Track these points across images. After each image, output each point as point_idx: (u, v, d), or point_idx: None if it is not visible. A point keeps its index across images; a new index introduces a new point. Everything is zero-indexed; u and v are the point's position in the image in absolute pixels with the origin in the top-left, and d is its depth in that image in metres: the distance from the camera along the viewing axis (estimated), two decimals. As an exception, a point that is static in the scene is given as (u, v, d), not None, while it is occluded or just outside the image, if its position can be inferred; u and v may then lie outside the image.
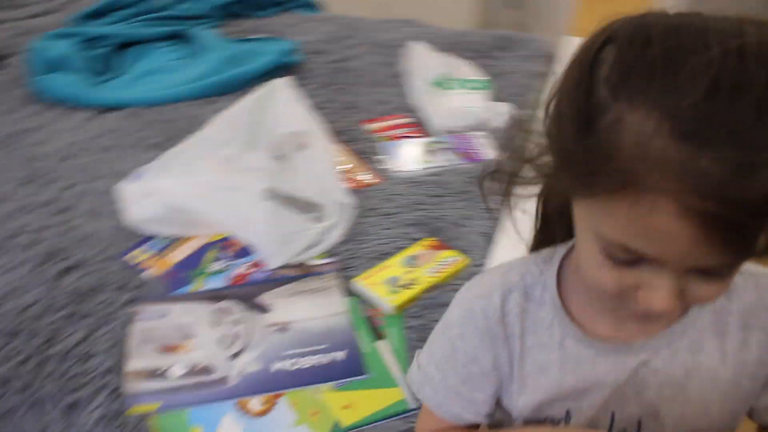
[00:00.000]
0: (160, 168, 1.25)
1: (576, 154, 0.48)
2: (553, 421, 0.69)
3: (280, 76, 1.74)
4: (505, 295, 0.66)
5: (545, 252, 0.67)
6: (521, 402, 0.68)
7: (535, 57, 1.92)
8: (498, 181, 0.61)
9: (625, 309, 0.57)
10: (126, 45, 1.92)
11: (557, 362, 0.65)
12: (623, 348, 0.63)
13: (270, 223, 1.14)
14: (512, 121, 0.60)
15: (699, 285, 0.51)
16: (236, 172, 1.18)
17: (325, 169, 1.25)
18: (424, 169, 1.43)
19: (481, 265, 1.17)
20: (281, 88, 1.29)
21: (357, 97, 1.72)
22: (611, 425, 0.67)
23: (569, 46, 1.98)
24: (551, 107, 0.52)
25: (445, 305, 1.08)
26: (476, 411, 0.71)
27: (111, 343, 1.00)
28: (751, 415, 0.68)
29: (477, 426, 0.74)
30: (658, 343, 0.63)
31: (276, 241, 1.14)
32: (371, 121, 1.62)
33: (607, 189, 0.46)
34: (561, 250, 0.66)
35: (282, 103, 1.28)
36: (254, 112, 1.25)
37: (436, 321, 1.05)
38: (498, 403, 0.71)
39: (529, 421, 0.69)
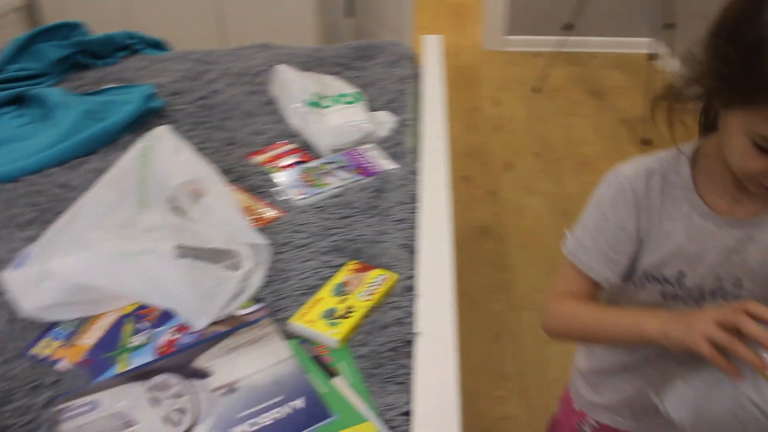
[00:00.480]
0: (47, 247, 1.13)
1: (747, 79, 0.70)
2: (667, 280, 0.92)
3: (145, 123, 1.65)
4: (648, 177, 0.90)
5: (674, 149, 0.89)
6: (646, 260, 0.92)
7: (398, 61, 1.94)
8: (668, 100, 0.83)
9: (754, 190, 0.80)
10: (-39, 119, 1.73)
11: (683, 230, 0.89)
12: (736, 223, 0.87)
13: (187, 282, 1.06)
14: (685, 53, 0.80)
15: None
16: (137, 235, 1.09)
17: (229, 213, 1.19)
18: (324, 192, 1.40)
19: (410, 277, 1.16)
20: (164, 136, 1.21)
21: (233, 132, 1.66)
22: (718, 283, 0.90)
23: (430, 44, 2.03)
24: (715, 44, 0.74)
25: (388, 326, 1.07)
26: (618, 272, 0.94)
27: (43, 453, 0.89)
28: None
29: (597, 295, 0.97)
30: (762, 221, 0.87)
31: (198, 299, 1.06)
32: (255, 153, 1.57)
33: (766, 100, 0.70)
34: (689, 147, 0.89)
35: (167, 153, 1.20)
36: (140, 167, 1.16)
37: (385, 345, 1.04)
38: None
39: (647, 276, 0.93)
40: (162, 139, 1.20)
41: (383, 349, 1.03)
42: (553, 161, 3.22)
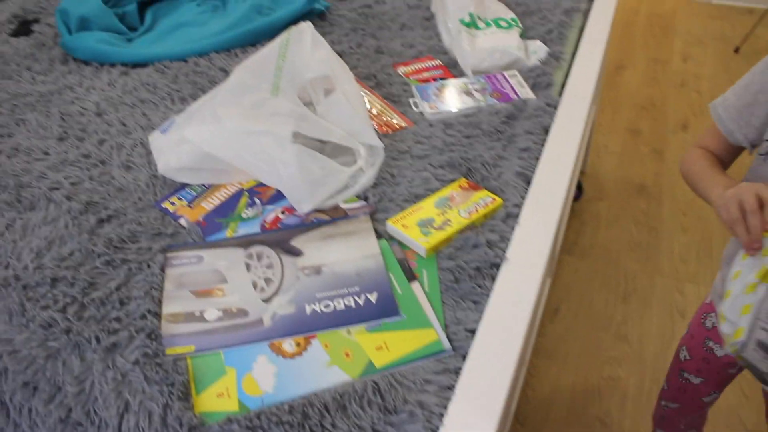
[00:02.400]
0: (187, 118, 1.25)
1: None
2: None
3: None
4: None
5: None
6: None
7: (569, -7, 1.86)
8: None
9: None
10: (153, 1, 1.91)
11: None
12: None
13: (299, 168, 1.13)
14: None
15: None
16: (263, 117, 1.17)
17: (354, 113, 1.23)
18: (456, 110, 1.41)
19: (517, 205, 1.15)
20: (305, 32, 1.27)
21: (386, 42, 1.70)
22: None
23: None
24: None
25: (479, 246, 1.08)
26: (745, 132, 1.04)
27: (147, 288, 1.01)
28: None
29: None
30: None
31: (305, 185, 1.13)
32: (402, 64, 1.60)
33: None
34: None
35: (307, 48, 1.26)
36: (279, 57, 1.24)
37: (471, 263, 1.05)
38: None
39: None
40: (303, 34, 1.26)
41: (468, 267, 1.05)
42: (738, 129, 2.95)
